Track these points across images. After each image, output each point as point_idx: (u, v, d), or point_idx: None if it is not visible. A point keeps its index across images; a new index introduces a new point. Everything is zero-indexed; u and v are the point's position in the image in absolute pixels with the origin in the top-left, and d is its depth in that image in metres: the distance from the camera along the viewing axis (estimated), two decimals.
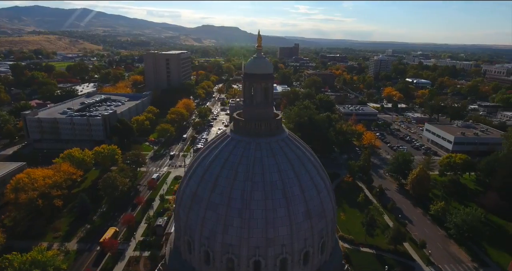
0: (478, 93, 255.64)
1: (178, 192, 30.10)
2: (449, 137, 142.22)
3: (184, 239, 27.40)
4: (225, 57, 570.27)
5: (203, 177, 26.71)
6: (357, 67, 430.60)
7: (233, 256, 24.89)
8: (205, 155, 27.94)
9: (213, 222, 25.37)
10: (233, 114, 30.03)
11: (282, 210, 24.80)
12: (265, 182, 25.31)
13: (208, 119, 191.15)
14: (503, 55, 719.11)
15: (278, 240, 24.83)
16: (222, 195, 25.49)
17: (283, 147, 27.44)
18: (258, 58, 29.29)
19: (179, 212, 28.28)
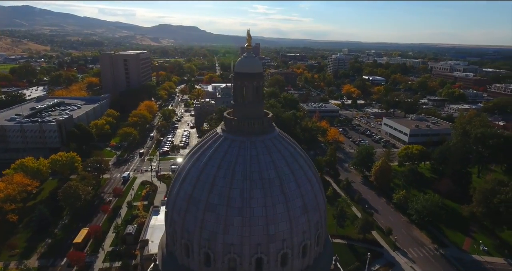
0: (427, 88, 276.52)
1: (170, 196, 29.13)
2: (405, 130, 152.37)
3: (181, 243, 26.78)
4: (186, 57, 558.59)
5: (198, 178, 26.32)
6: (317, 65, 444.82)
7: (235, 256, 24.90)
8: (197, 156, 27.35)
9: (213, 223, 25.15)
10: (224, 113, 29.68)
11: (281, 205, 25.23)
12: (263, 179, 25.59)
13: (172, 121, 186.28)
14: (445, 53, 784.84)
15: (279, 236, 25.22)
16: (221, 195, 25.29)
17: (276, 144, 27.82)
18: (249, 57, 29.40)
19: (173, 216, 27.56)
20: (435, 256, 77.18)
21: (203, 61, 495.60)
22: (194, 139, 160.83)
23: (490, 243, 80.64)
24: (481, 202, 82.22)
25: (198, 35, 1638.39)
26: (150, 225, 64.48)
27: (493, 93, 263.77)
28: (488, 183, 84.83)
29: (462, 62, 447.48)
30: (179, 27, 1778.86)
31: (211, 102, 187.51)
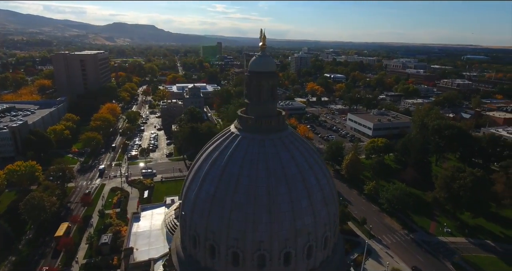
0: (384, 84, 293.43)
1: (186, 199, 28.20)
2: (369, 124, 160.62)
3: (205, 245, 26.30)
4: (145, 57, 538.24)
5: (221, 179, 25.97)
6: (279, 64, 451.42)
7: (265, 252, 25.03)
8: (215, 156, 26.80)
9: (241, 221, 24.97)
10: (237, 112, 30.00)
11: (305, 200, 25.81)
12: (287, 175, 25.87)
13: (138, 124, 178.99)
14: (396, 52, 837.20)
15: (305, 229, 25.79)
16: (247, 193, 25.21)
17: (292, 141, 28.29)
18: (263, 56, 29.48)
19: (194, 218, 26.98)
20: (406, 241, 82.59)
21: (164, 61, 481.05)
22: (163, 141, 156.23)
23: (452, 225, 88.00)
24: (443, 187, 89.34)
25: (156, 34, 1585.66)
26: (132, 233, 61.61)
27: (442, 88, 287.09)
28: (448, 170, 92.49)
29: (412, 60, 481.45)
30: (135, 26, 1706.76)
31: (178, 103, 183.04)
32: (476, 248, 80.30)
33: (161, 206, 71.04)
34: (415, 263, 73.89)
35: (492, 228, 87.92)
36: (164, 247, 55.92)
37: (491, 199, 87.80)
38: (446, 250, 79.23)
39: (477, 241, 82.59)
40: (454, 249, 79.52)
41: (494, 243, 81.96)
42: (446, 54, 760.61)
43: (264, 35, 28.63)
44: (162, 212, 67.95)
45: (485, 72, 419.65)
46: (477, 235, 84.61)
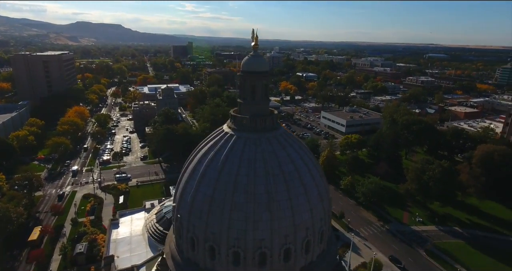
0: (354, 82, 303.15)
1: (181, 201, 27.57)
2: (342, 121, 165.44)
3: (204, 247, 26.06)
4: (112, 57, 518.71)
5: (219, 179, 25.83)
6: None
7: (266, 250, 25.32)
8: (211, 157, 26.48)
9: (242, 221, 25.04)
10: (230, 112, 30.02)
11: (303, 196, 26.30)
12: (284, 173, 26.23)
13: (108, 127, 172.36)
14: (364, 50, 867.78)
15: (303, 225, 26.28)
16: (247, 192, 25.26)
17: (286, 139, 28.68)
18: (256, 56, 29.58)
19: (191, 220, 26.59)
20: (382, 232, 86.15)
21: (133, 61, 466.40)
22: (136, 144, 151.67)
23: (423, 214, 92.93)
24: (414, 179, 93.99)
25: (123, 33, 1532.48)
26: (112, 240, 59.22)
27: (407, 85, 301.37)
28: (418, 162, 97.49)
29: (379, 58, 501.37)
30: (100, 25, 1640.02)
31: (151, 104, 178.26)
32: (445, 235, 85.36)
33: (140, 210, 69.00)
34: (392, 252, 77.27)
35: (459, 215, 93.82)
36: (146, 252, 54.39)
37: (457, 188, 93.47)
38: (419, 239, 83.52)
39: (446, 228, 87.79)
40: (426, 237, 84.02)
41: (461, 229, 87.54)
42: (409, 53, 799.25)
43: (257, 35, 28.90)
44: (142, 217, 66.00)
45: (446, 70, 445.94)
46: (446, 223, 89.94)
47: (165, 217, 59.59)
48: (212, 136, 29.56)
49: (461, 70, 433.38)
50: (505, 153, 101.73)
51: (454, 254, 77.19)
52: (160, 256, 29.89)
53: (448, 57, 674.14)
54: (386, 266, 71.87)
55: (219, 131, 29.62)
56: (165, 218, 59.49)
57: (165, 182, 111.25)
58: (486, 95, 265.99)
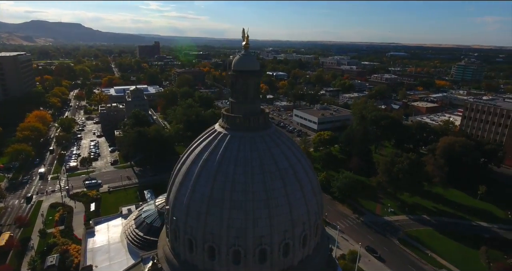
0: (323, 81, 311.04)
1: (176, 203, 26.91)
2: (314, 119, 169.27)
3: (203, 247, 25.78)
4: (73, 58, 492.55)
5: (216, 178, 25.59)
6: (222, 63, 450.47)
7: (266, 246, 25.55)
8: (206, 157, 25.99)
9: (241, 219, 25.04)
10: (222, 111, 29.85)
11: (298, 192, 26.80)
12: (280, 170, 26.54)
13: (74, 132, 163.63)
14: (330, 49, 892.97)
15: (300, 220, 26.81)
16: (245, 190, 25.28)
17: (279, 137, 29.02)
18: (247, 55, 29.62)
19: (188, 222, 26.17)
20: (358, 224, 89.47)
21: (97, 62, 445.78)
22: (105, 148, 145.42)
23: (394, 205, 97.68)
24: (384, 172, 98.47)
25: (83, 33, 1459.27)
26: (88, 249, 56.26)
27: (373, 82, 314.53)
28: (388, 156, 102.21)
29: (345, 57, 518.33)
30: (58, 24, 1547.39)
31: (119, 106, 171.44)
32: (415, 223, 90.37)
33: (116, 217, 66.25)
34: (368, 243, 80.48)
35: (426, 204, 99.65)
36: (127, 260, 52.37)
37: (424, 179, 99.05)
38: (391, 228, 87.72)
39: (415, 217, 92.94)
40: (398, 226, 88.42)
41: (429, 217, 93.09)
42: (373, 52, 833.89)
43: (248, 34, 28.99)
44: (119, 224, 63.44)
45: (406, 67, 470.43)
46: (415, 212, 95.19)
47: (144, 222, 57.72)
48: (204, 136, 29.18)
49: (420, 67, 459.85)
50: (465, 143, 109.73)
51: (424, 241, 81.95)
52: (151, 261, 28.93)
53: (408, 55, 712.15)
54: (364, 257, 74.78)
55: (211, 131, 29.30)
56: (145, 223, 57.64)
57: (138, 187, 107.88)
58: (444, 91, 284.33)
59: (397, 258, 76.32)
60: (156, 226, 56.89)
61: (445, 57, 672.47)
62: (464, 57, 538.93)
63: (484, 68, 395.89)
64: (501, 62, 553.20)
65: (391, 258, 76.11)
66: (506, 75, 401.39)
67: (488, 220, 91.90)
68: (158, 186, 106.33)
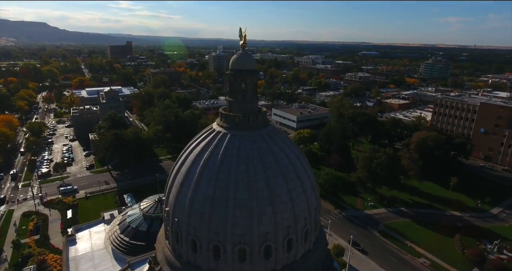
0: (299, 80, 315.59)
1: (177, 205, 26.61)
2: (293, 117, 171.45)
3: (208, 248, 25.79)
4: (39, 59, 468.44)
5: (218, 178, 25.62)
6: (197, 63, 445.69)
7: (271, 242, 25.99)
8: (206, 157, 25.90)
9: (246, 217, 25.26)
10: (220, 110, 29.83)
11: (299, 188, 27.30)
12: (281, 167, 26.99)
13: (44, 136, 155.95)
14: (305, 49, 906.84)
15: (302, 215, 27.32)
16: (249, 189, 25.48)
17: (277, 135, 29.51)
18: (245, 54, 29.70)
19: (191, 223, 26.06)
20: (340, 219, 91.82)
21: (65, 63, 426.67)
22: (80, 152, 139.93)
23: (374, 199, 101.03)
24: (363, 167, 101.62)
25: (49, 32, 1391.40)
26: (71, 258, 53.78)
27: (347, 80, 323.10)
28: (366, 152, 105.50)
29: (320, 56, 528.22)
30: (21, 23, 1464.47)
31: (93, 109, 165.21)
32: (394, 215, 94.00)
33: (98, 223, 63.94)
34: (351, 236, 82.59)
35: (403, 197, 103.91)
36: (112, 266, 50.79)
37: (400, 173, 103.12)
38: (372, 221, 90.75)
39: (394, 210, 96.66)
40: (378, 219, 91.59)
41: (407, 209, 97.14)
42: (345, 51, 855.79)
43: (245, 34, 29.20)
44: (102, 230, 61.27)
45: (378, 66, 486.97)
46: (393, 205, 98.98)
47: (130, 227, 56.14)
48: (202, 136, 29.05)
49: (391, 66, 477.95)
50: (436, 138, 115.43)
51: (403, 232, 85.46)
52: (148, 265, 28.28)
53: (379, 54, 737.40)
54: (348, 250, 76.71)
55: (209, 131, 29.29)
56: (130, 227, 56.06)
57: (117, 191, 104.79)
58: (414, 88, 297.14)
59: (379, 249, 79.07)
60: (143, 230, 55.59)
61: (413, 56, 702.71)
62: (431, 56, 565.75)
63: (450, 66, 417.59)
64: (465, 60, 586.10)
65: (373, 250, 78.72)
66: (469, 73, 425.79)
67: (460, 210, 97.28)
68: (138, 190, 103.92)
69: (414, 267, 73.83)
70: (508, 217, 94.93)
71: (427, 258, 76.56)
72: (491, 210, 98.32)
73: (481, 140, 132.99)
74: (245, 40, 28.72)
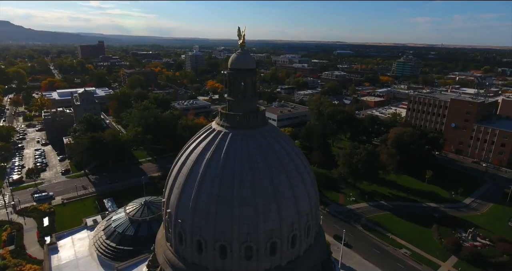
0: (277, 79, 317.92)
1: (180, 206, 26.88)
2: (273, 116, 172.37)
3: (214, 247, 25.88)
4: (3, 60, 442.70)
5: (223, 177, 25.73)
6: (174, 63, 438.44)
7: (276, 239, 26.45)
8: (209, 157, 26.08)
9: (252, 215, 25.50)
10: (219, 110, 30.08)
11: (301, 185, 27.83)
12: (283, 164, 27.44)
13: (14, 141, 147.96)
14: (281, 48, 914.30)
15: (304, 211, 27.88)
16: (254, 187, 25.75)
17: (276, 133, 30.10)
18: (245, 54, 29.78)
19: (195, 223, 26.10)
20: (324, 214, 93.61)
21: (33, 63, 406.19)
22: (54, 157, 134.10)
23: (355, 194, 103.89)
24: (345, 164, 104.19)
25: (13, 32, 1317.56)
26: (53, 267, 51.28)
27: (324, 79, 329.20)
28: (347, 148, 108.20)
29: (296, 56, 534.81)
30: None
31: (66, 111, 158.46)
32: (375, 209, 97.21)
33: (81, 229, 61.64)
34: (335, 231, 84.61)
35: (383, 191, 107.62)
36: None
37: (379, 168, 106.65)
38: (355, 216, 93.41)
39: (374, 203, 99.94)
40: (360, 214, 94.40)
41: (386, 202, 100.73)
42: (321, 50, 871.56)
43: (244, 33, 29.35)
44: (85, 236, 59.13)
45: (353, 65, 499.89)
46: (374, 199, 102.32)
47: (116, 232, 54.50)
48: (202, 136, 28.93)
49: (365, 64, 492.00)
50: (412, 133, 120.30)
51: (384, 225, 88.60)
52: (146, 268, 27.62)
53: (354, 53, 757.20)
54: (333, 245, 78.49)
55: (209, 131, 29.30)
56: (116, 232, 54.43)
57: (96, 196, 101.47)
58: (387, 86, 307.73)
59: (362, 242, 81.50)
60: (129, 234, 54.10)
61: (385, 54, 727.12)
62: (402, 54, 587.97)
63: (420, 64, 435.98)
64: (433, 59, 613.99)
65: (357, 243, 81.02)
66: (438, 71, 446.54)
67: (436, 201, 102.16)
68: (118, 194, 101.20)
69: (396, 258, 76.80)
70: (479, 206, 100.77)
71: (408, 249, 79.86)
72: (464, 200, 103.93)
73: (452, 134, 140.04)
74: (243, 40, 28.87)
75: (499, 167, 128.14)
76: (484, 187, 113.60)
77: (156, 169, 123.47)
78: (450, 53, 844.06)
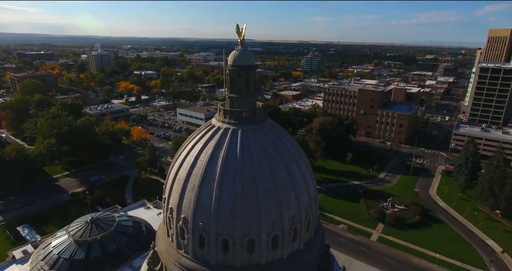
0: (195, 77, 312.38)
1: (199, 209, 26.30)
2: (200, 115, 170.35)
3: (242, 243, 26.13)
4: None
5: (243, 173, 26.36)
6: (74, 64, 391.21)
7: (297, 225, 27.62)
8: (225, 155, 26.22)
9: (276, 205, 26.28)
10: (220, 107, 30.10)
11: (300, 179, 28.90)
12: (293, 155, 28.63)
13: None
14: (193, 46, 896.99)
15: (304, 204, 29.02)
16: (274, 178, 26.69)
17: (277, 128, 30.49)
18: (245, 51, 29.69)
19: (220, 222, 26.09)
20: None
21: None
22: None
23: None
24: None
25: None
26: None
27: None
28: None
29: (211, 54, 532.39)
30: None
31: None
32: None
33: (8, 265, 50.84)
34: None
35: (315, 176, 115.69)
36: None
37: (309, 155, 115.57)
38: None
39: None
40: None
41: (320, 186, 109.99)
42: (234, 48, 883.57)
43: (243, 30, 29.31)
44: None
45: (265, 61, 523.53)
46: None
47: (61, 259, 47.08)
48: (206, 135, 28.16)
49: (276, 61, 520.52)
50: (332, 122, 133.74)
51: (322, 206, 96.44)
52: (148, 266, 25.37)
53: (264, 50, 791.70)
54: None
55: (214, 130, 28.64)
56: (62, 259, 47.04)
57: (6, 224, 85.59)
58: (300, 80, 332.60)
59: None
60: (80, 258, 47.25)
61: (293, 51, 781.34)
62: (307, 51, 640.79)
63: (325, 59, 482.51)
64: (333, 55, 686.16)
65: None
66: (339, 65, 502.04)
67: (359, 179, 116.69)
68: (34, 218, 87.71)
69: (337, 233, 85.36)
70: (391, 179, 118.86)
71: (345, 224, 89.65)
72: (379, 175, 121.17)
73: (362, 120, 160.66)
74: (243, 37, 28.91)
75: (399, 144, 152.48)
76: (392, 162, 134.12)
77: (78, 183, 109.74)
78: (346, 49, 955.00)
